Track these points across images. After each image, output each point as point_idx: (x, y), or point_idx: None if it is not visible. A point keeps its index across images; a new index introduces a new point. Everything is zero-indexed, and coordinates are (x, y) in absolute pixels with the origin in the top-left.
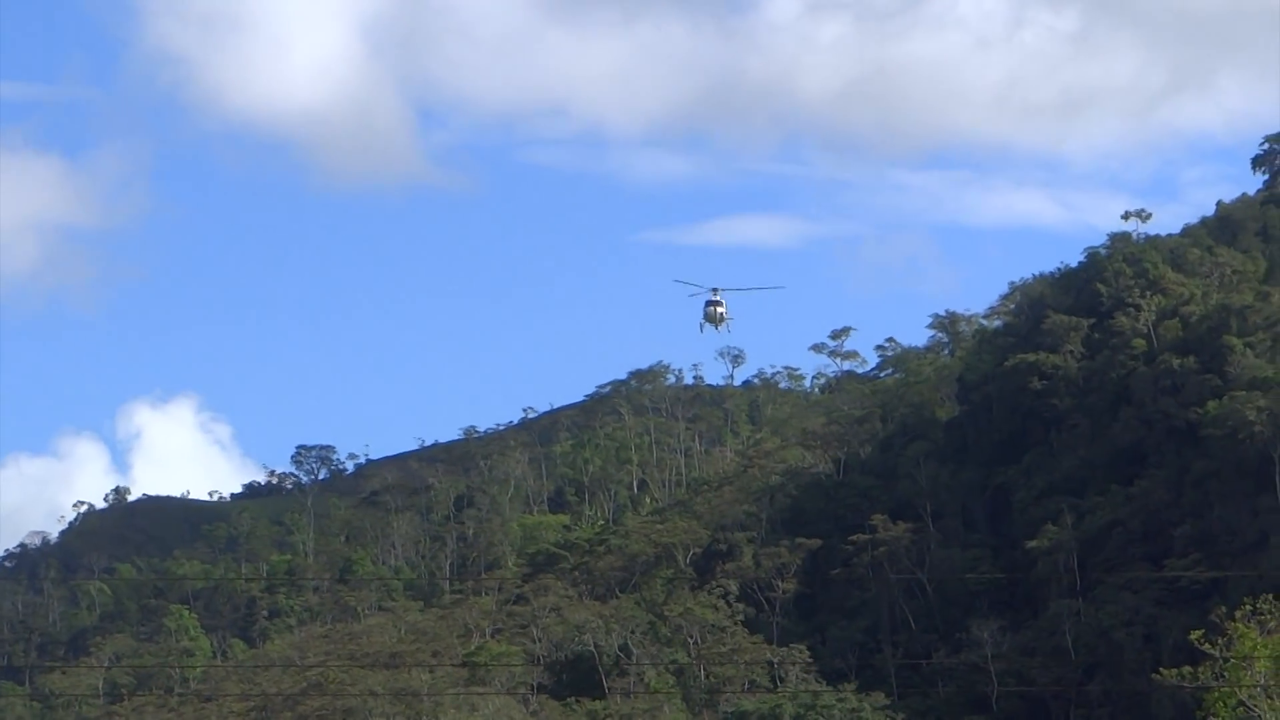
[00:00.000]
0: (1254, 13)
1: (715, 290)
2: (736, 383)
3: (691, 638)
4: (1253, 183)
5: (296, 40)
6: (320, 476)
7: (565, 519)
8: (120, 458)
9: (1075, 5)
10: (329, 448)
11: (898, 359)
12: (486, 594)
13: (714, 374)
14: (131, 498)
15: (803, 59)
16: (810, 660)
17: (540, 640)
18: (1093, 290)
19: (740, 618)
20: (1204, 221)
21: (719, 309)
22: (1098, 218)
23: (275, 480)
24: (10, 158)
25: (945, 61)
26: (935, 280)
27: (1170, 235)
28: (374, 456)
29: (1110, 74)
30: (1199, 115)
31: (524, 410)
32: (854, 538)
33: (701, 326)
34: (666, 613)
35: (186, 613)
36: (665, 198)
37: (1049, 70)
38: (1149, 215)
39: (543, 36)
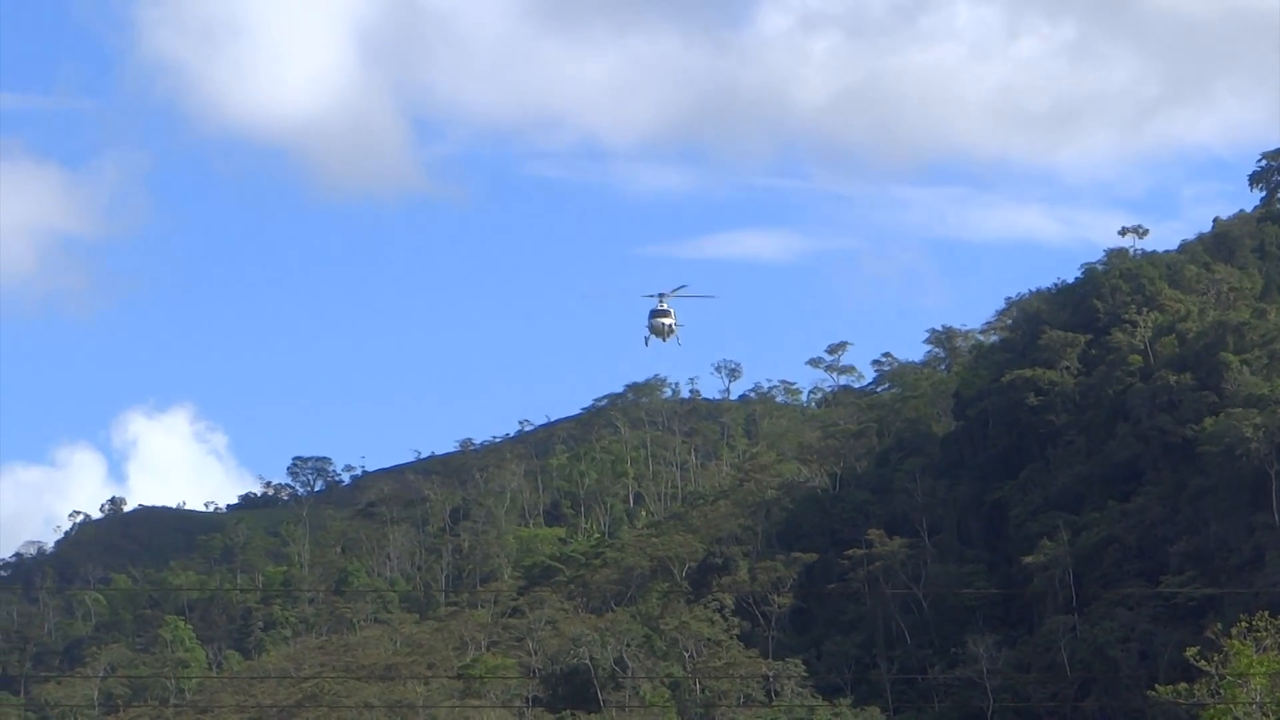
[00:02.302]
0: (1252, 25)
1: (661, 297)
2: (733, 397)
3: (687, 651)
4: (1250, 199)
5: (293, 49)
6: (316, 488)
7: (561, 532)
8: (116, 467)
9: (1071, 15)
10: (325, 459)
11: (894, 374)
12: (482, 606)
13: (710, 388)
14: (127, 508)
15: (796, 71)
16: (806, 675)
17: (536, 653)
18: (1090, 306)
19: (736, 632)
20: (1201, 238)
21: (665, 320)
22: (1095, 233)
23: (271, 491)
24: (9, 167)
25: (940, 73)
26: (932, 295)
27: (1167, 251)
28: (370, 468)
29: (1107, 86)
30: (1197, 128)
31: (520, 423)
32: (850, 552)
33: (646, 340)
34: (662, 626)
35: (182, 624)
36: (663, 211)
37: (1045, 82)
38: (1146, 231)
39: (536, 48)
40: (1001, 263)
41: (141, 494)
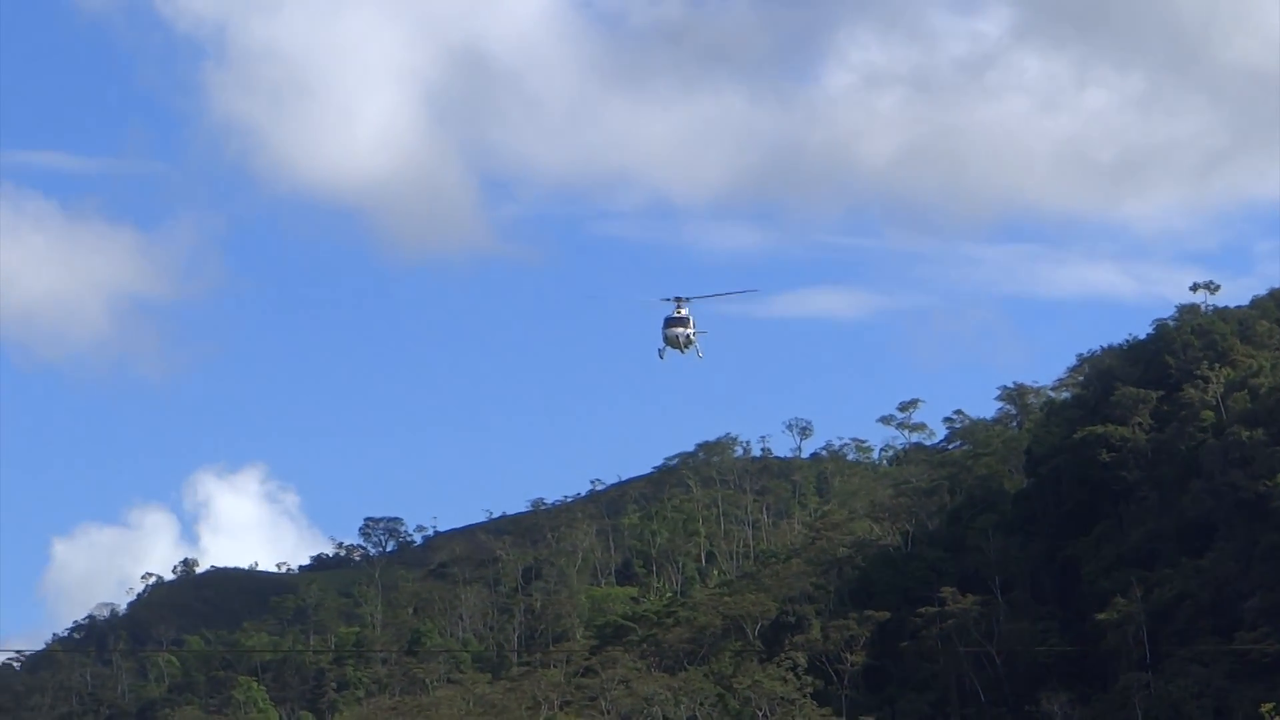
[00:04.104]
0: None
1: (680, 301)
2: (804, 455)
3: (760, 710)
4: None
5: (362, 109)
6: (388, 548)
7: (633, 591)
8: (189, 528)
9: (1140, 67)
10: (397, 520)
11: (966, 431)
12: (555, 666)
13: (782, 446)
14: (200, 569)
15: (863, 128)
16: None
17: (609, 712)
18: (1162, 362)
19: (809, 690)
20: (1272, 293)
21: (682, 329)
22: (1167, 288)
23: (343, 552)
24: (83, 229)
25: (1008, 127)
26: (1004, 352)
27: (1239, 307)
28: (442, 529)
29: (1176, 137)
30: (1266, 179)
31: (592, 482)
32: (922, 610)
33: (661, 352)
34: (735, 685)
35: (255, 685)
36: (734, 270)
37: (1114, 133)
38: (1218, 287)
39: (604, 107)
40: (1073, 319)
41: (214, 555)
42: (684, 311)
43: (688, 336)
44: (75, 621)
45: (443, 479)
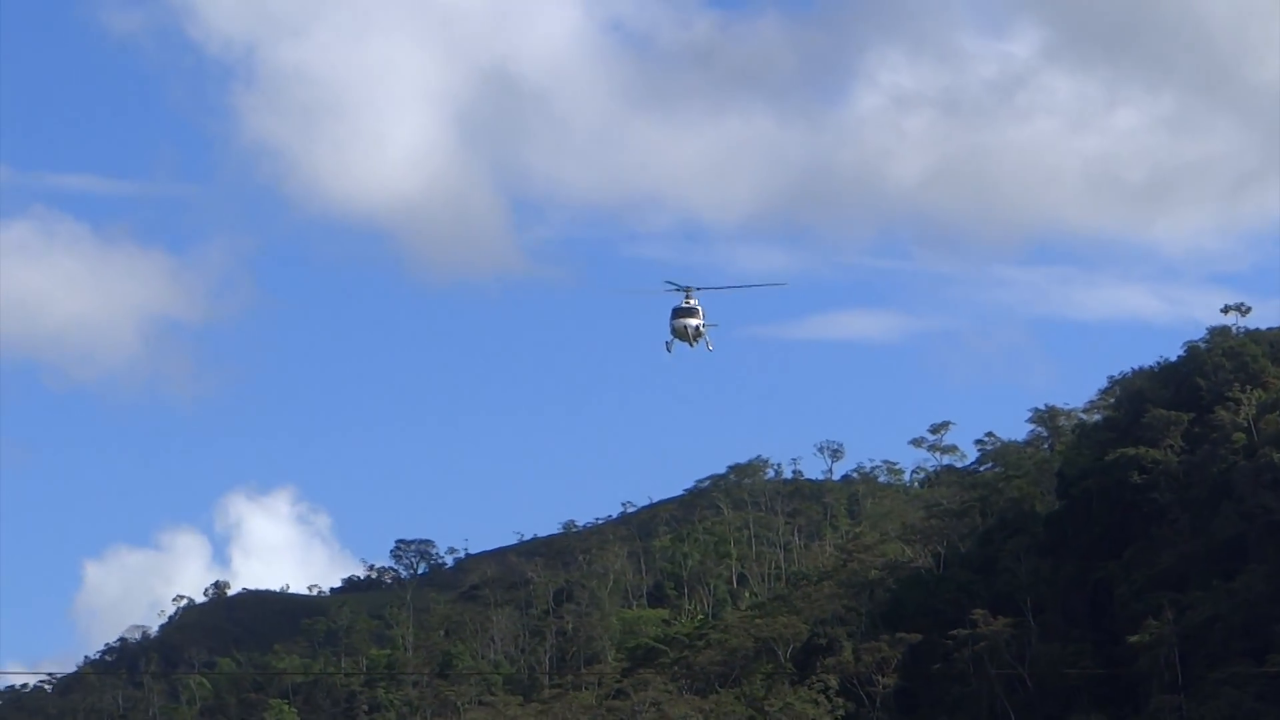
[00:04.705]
0: None
1: (688, 291)
2: (836, 477)
3: None
4: None
5: (391, 131)
6: (419, 571)
7: (665, 613)
8: (220, 550)
9: (1171, 86)
10: (428, 542)
11: (997, 453)
12: (586, 688)
13: (813, 468)
14: (231, 591)
15: (892, 149)
16: None
17: None
18: (1193, 384)
19: (840, 713)
20: None
21: (691, 320)
22: (1198, 310)
23: (374, 574)
24: (114, 252)
25: (1038, 147)
26: (1035, 374)
27: (1270, 329)
28: (473, 551)
29: (1207, 157)
30: None
31: (623, 504)
32: (954, 632)
33: (668, 345)
34: (767, 708)
35: (286, 707)
36: (764, 291)
37: (1144, 154)
38: (1249, 309)
39: (633, 128)
40: (1104, 341)
41: (245, 577)
42: (693, 301)
43: (697, 328)
44: (107, 644)
45: (474, 501)
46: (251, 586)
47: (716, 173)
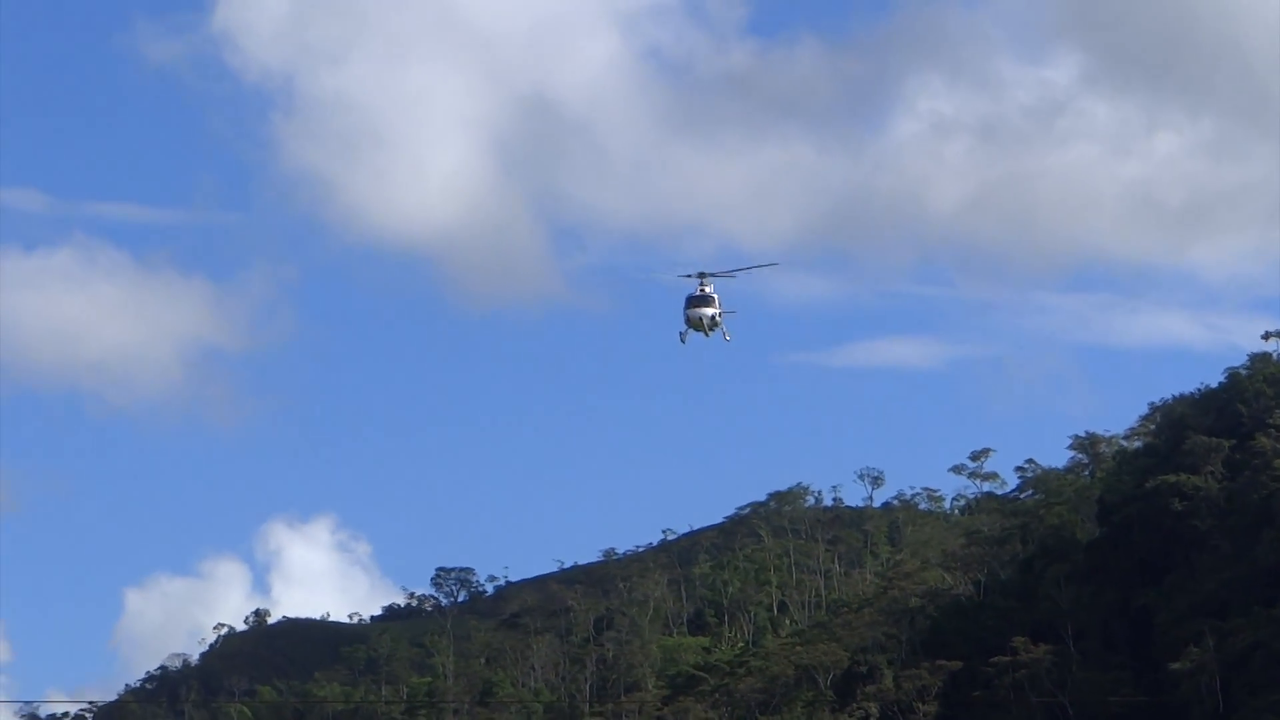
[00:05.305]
0: None
1: (703, 279)
2: (876, 504)
3: None
4: None
5: (432, 158)
6: (460, 599)
7: (705, 641)
8: (260, 578)
9: (1210, 111)
10: (468, 570)
11: (1038, 480)
12: (627, 716)
13: (853, 495)
14: (271, 619)
15: (932, 176)
16: None
17: None
18: (1234, 411)
19: None
20: None
21: (706, 310)
22: (1238, 336)
23: (415, 602)
24: (156, 279)
25: (1077, 173)
26: (1075, 401)
27: None
28: (513, 579)
29: (1247, 181)
30: None
31: (663, 532)
32: (995, 659)
33: (683, 335)
34: None
35: None
36: (805, 319)
37: (1184, 178)
38: None
39: (672, 156)
40: (1144, 367)
41: (285, 605)
42: (708, 289)
43: (712, 318)
44: (148, 672)
45: (514, 529)
46: (292, 614)
47: (756, 200)
